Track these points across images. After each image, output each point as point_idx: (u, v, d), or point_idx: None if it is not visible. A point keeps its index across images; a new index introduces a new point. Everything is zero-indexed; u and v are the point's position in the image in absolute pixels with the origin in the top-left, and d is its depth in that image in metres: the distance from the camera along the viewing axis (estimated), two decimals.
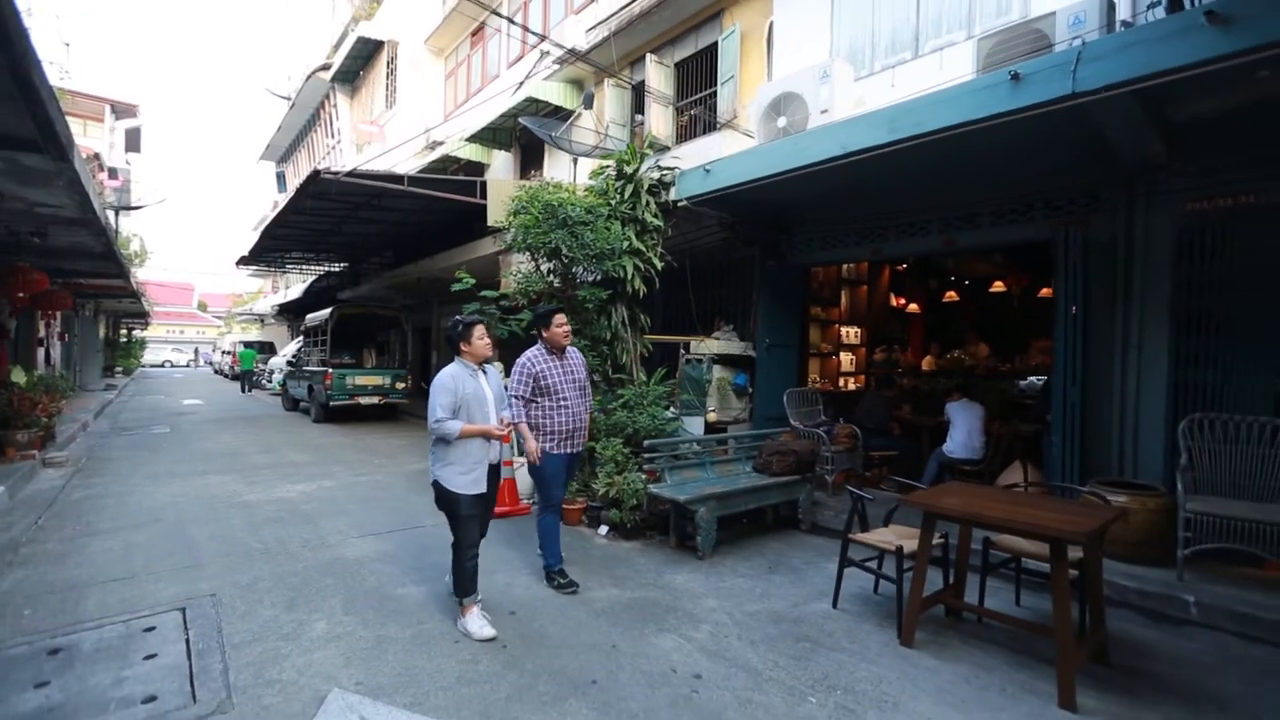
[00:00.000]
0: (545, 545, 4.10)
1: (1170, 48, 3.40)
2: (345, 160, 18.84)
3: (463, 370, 3.48)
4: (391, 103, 17.09)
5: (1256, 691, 2.95)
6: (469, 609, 3.39)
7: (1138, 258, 4.83)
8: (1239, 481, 4.20)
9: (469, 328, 3.52)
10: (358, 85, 19.56)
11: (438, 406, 3.35)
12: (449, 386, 3.38)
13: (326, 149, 21.05)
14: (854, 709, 2.70)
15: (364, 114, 18.80)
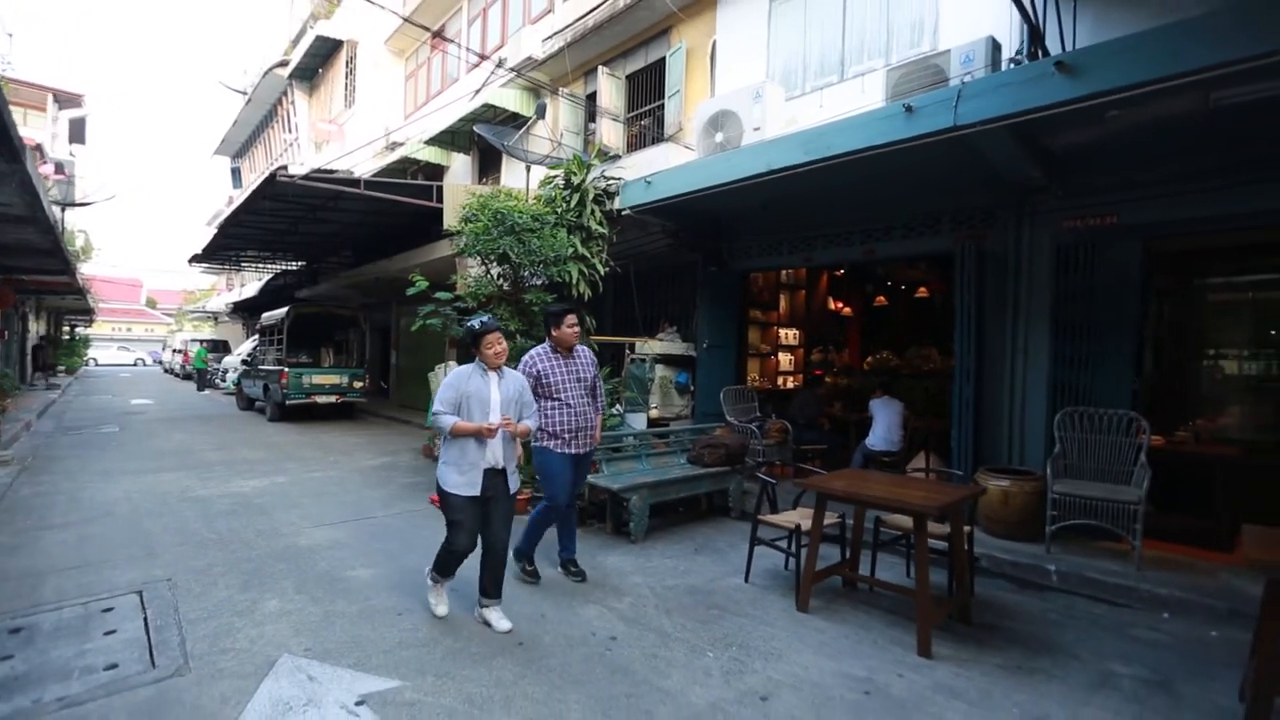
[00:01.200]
0: (528, 530, 4.16)
1: (1030, 91, 3.95)
2: (303, 158, 18.72)
3: (474, 370, 3.44)
4: (351, 102, 17.08)
5: (1085, 640, 3.50)
6: (439, 588, 3.56)
7: (1024, 270, 5.42)
8: (1101, 466, 4.81)
9: (478, 337, 3.45)
10: (317, 83, 19.43)
11: (439, 400, 3.37)
12: (453, 382, 3.39)
13: (284, 145, 20.82)
14: (744, 660, 3.14)
15: (323, 112, 18.70)
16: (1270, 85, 3.74)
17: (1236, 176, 4.47)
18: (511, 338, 6.28)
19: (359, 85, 16.70)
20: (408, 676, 2.92)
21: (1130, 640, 3.53)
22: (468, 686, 2.85)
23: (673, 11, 8.29)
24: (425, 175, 14.12)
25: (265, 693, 2.76)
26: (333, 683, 2.86)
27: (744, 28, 7.67)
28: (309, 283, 17.26)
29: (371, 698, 2.74)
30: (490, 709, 2.68)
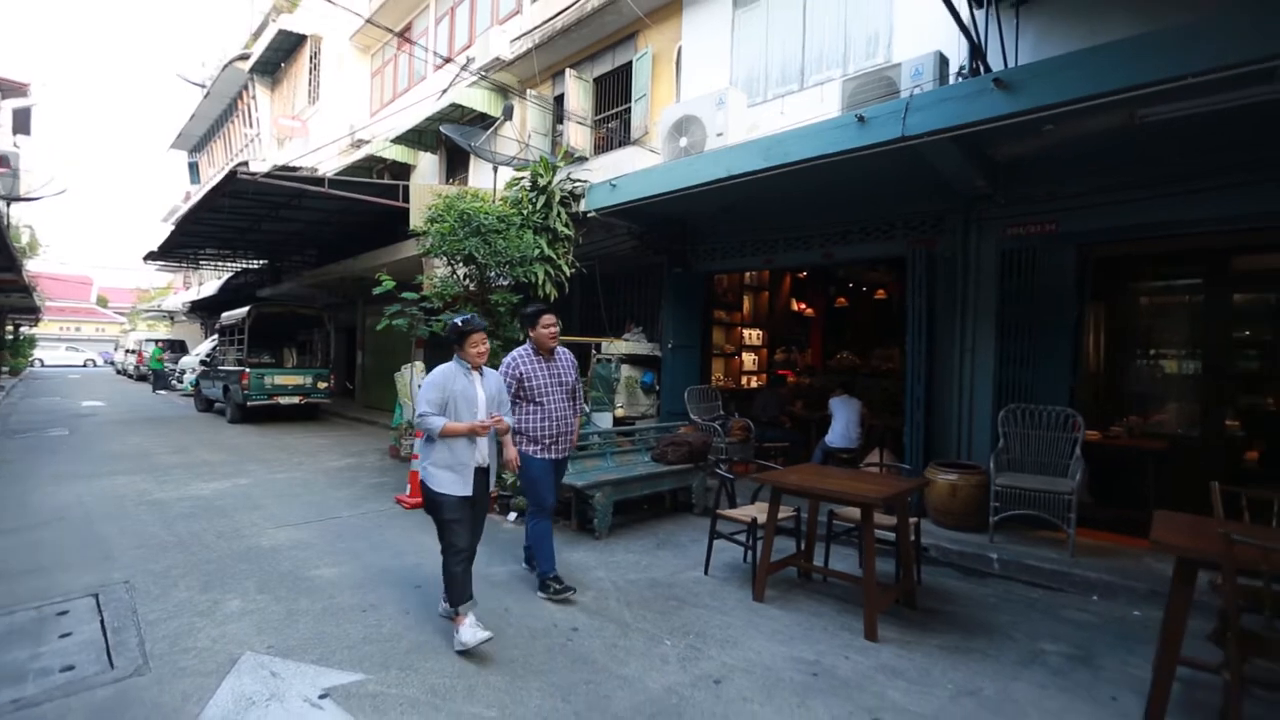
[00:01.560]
0: (537, 552, 3.97)
1: (971, 105, 4.17)
2: (265, 154, 18.32)
3: (457, 369, 3.37)
4: (315, 98, 16.80)
5: (1019, 621, 3.73)
6: (462, 620, 3.17)
7: (972, 274, 5.68)
8: (1041, 460, 5.09)
9: (464, 335, 3.38)
10: (279, 78, 19.04)
11: (423, 401, 3.26)
12: (438, 382, 3.29)
13: (245, 141, 20.34)
14: (700, 647, 3.27)
15: (285, 108, 18.34)
16: (1190, 104, 4.02)
17: (1163, 188, 4.78)
18: None
19: (323, 81, 16.44)
20: (371, 670, 2.98)
21: (1061, 621, 3.77)
22: (431, 678, 2.92)
23: (639, 17, 8.42)
24: (392, 174, 14.00)
25: (228, 689, 2.79)
26: (296, 678, 2.90)
27: (708, 35, 7.84)
28: (271, 281, 16.92)
29: (335, 691, 2.79)
30: (452, 698, 2.76)
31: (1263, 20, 3.24)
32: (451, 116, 10.94)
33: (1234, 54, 3.28)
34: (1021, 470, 5.08)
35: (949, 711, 2.74)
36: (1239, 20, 3.33)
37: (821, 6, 6.79)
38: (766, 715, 2.68)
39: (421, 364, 8.94)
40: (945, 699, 2.84)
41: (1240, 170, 4.45)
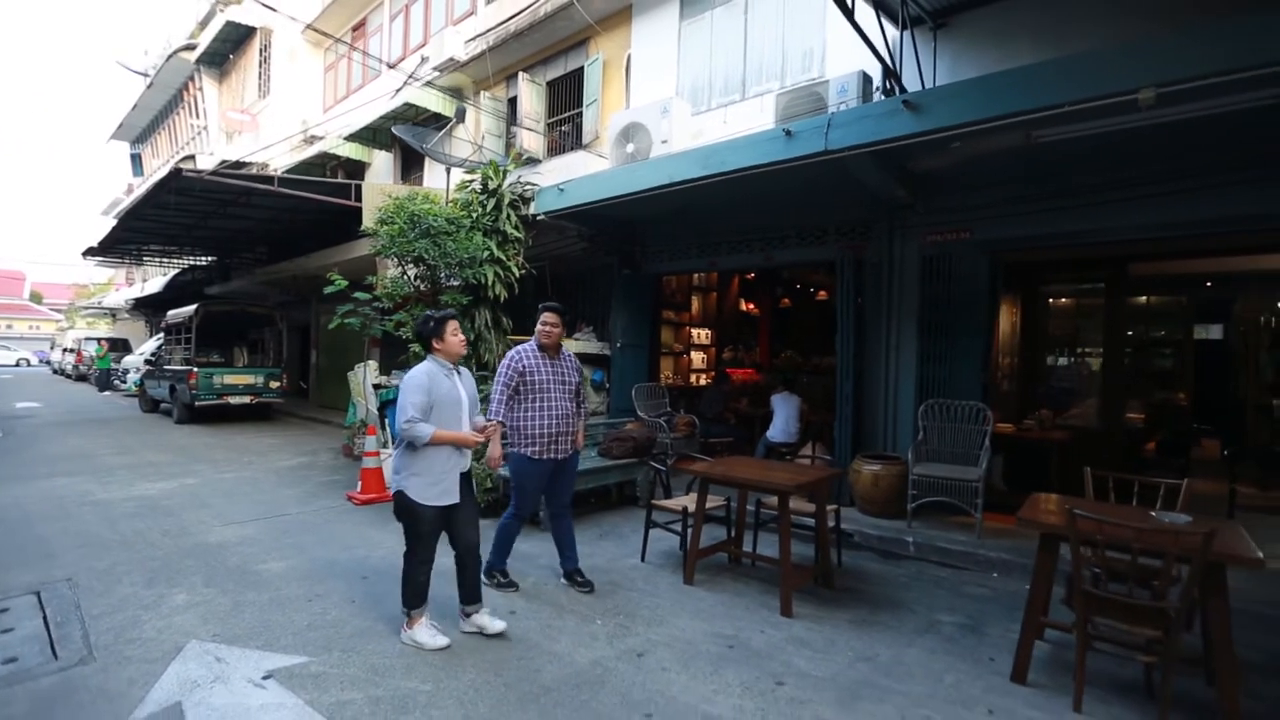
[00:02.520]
0: (496, 544, 3.96)
1: (884, 123, 4.53)
2: (213, 148, 17.87)
3: (437, 369, 3.20)
4: (265, 92, 16.48)
5: (923, 597, 4.10)
6: (416, 621, 3.22)
7: (896, 278, 6.08)
8: (956, 450, 5.51)
9: (441, 323, 3.23)
10: (227, 70, 18.58)
11: (409, 406, 3.04)
12: (422, 385, 3.09)
13: (192, 133, 19.76)
14: (628, 626, 3.54)
15: (234, 101, 17.91)
16: (1076, 128, 4.45)
17: (1065, 201, 5.22)
18: None
19: (274, 75, 16.15)
20: (315, 653, 3.14)
21: (960, 596, 4.16)
22: (372, 659, 3.11)
23: (590, 24, 8.62)
24: (346, 171, 13.89)
25: (173, 674, 2.92)
26: (241, 662, 3.05)
27: (657, 44, 8.11)
28: (220, 279, 16.54)
29: (278, 672, 2.95)
30: (391, 675, 2.95)
31: (1124, 57, 3.65)
32: (406, 116, 10.96)
33: (1101, 86, 3.68)
34: (939, 461, 5.50)
35: (845, 674, 3.06)
36: (1106, 56, 3.75)
37: (762, 22, 7.12)
38: (681, 682, 2.95)
39: (375, 363, 8.98)
40: (844, 664, 3.17)
41: (1134, 185, 4.89)
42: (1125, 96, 3.64)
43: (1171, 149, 4.62)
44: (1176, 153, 4.63)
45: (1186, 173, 4.65)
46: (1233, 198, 4.52)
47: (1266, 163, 4.37)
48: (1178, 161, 4.66)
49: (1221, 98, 3.70)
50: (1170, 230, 4.98)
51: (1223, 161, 4.51)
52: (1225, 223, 4.70)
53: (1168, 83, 3.49)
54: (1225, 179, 4.53)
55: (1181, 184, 4.69)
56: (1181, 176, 4.68)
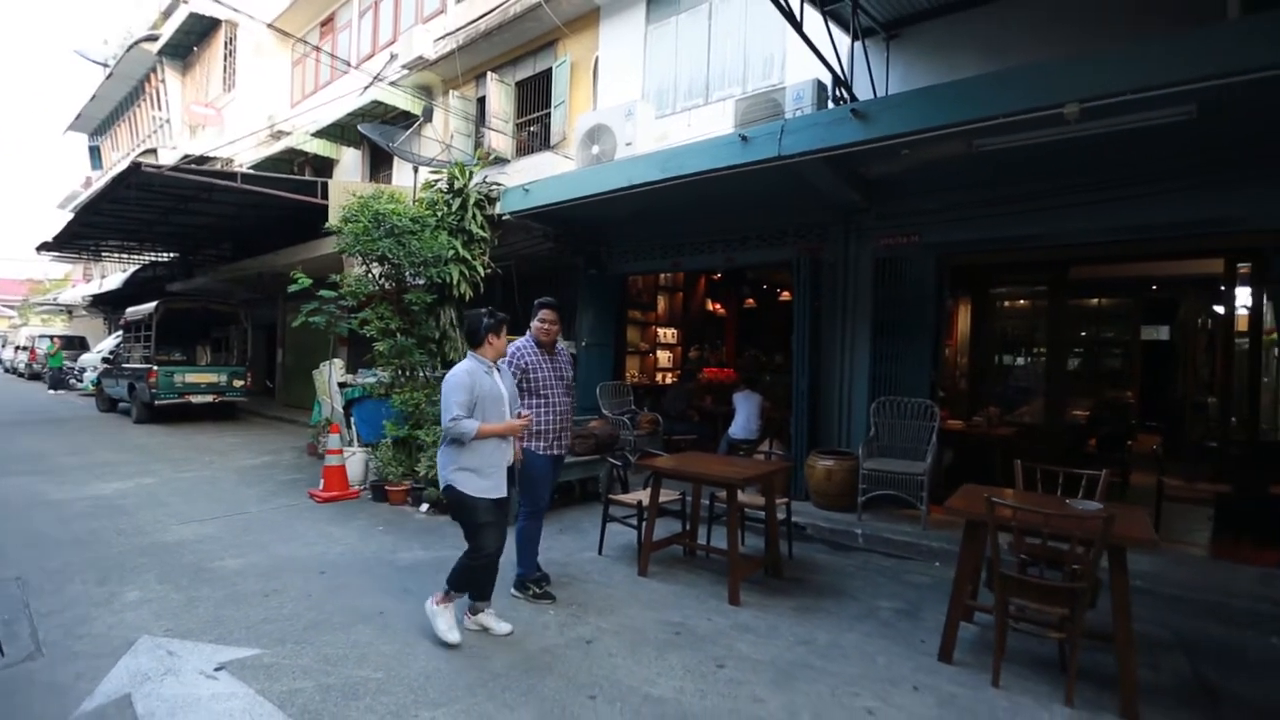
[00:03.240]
0: (521, 554, 3.89)
1: (834, 130, 4.71)
2: (176, 142, 17.50)
3: (478, 366, 3.25)
4: (230, 85, 16.20)
5: (866, 586, 4.29)
6: (448, 603, 3.24)
7: (851, 279, 6.29)
8: (905, 446, 5.73)
9: (500, 324, 3.31)
10: (191, 62, 18.20)
11: (453, 404, 3.10)
12: (465, 383, 3.14)
13: (154, 125, 19.30)
14: (580, 615, 3.65)
15: (199, 94, 17.57)
16: (1015, 138, 4.67)
17: (1008, 207, 5.45)
18: (392, 335, 6.50)
19: (240, 68, 15.88)
20: (268, 645, 3.19)
21: (902, 584, 4.36)
22: (325, 649, 3.17)
23: (559, 25, 8.71)
24: (314, 168, 13.74)
25: (123, 668, 2.95)
26: (192, 655, 3.08)
27: (624, 47, 8.23)
28: (183, 275, 16.21)
29: (230, 664, 3.00)
30: (344, 664, 3.02)
31: (1051, 73, 3.87)
32: (374, 113, 10.92)
33: (1031, 99, 3.90)
34: (889, 456, 5.71)
35: (784, 657, 3.22)
36: (1036, 71, 3.97)
37: (725, 28, 7.29)
38: (627, 666, 3.07)
39: (341, 361, 8.95)
40: (783, 648, 3.32)
41: (1071, 193, 5.12)
42: (1053, 110, 3.87)
43: (1104, 159, 4.88)
44: (1109, 163, 4.89)
45: (1117, 182, 4.92)
46: (1158, 206, 4.79)
47: (1186, 174, 4.65)
48: (1110, 171, 4.92)
49: (1139, 113, 3.95)
50: (1104, 235, 5.25)
51: (1149, 172, 4.78)
52: (1151, 229, 4.98)
53: (1089, 98, 3.71)
54: (1151, 188, 4.80)
55: (1113, 192, 4.95)
56: (1113, 185, 4.94)
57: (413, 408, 6.30)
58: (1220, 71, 3.42)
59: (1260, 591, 4.05)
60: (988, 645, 3.34)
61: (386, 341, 6.45)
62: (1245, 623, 3.78)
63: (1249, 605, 3.88)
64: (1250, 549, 4.82)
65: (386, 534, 5.16)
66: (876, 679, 3.03)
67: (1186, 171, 4.66)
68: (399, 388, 6.57)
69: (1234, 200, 4.54)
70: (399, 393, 6.43)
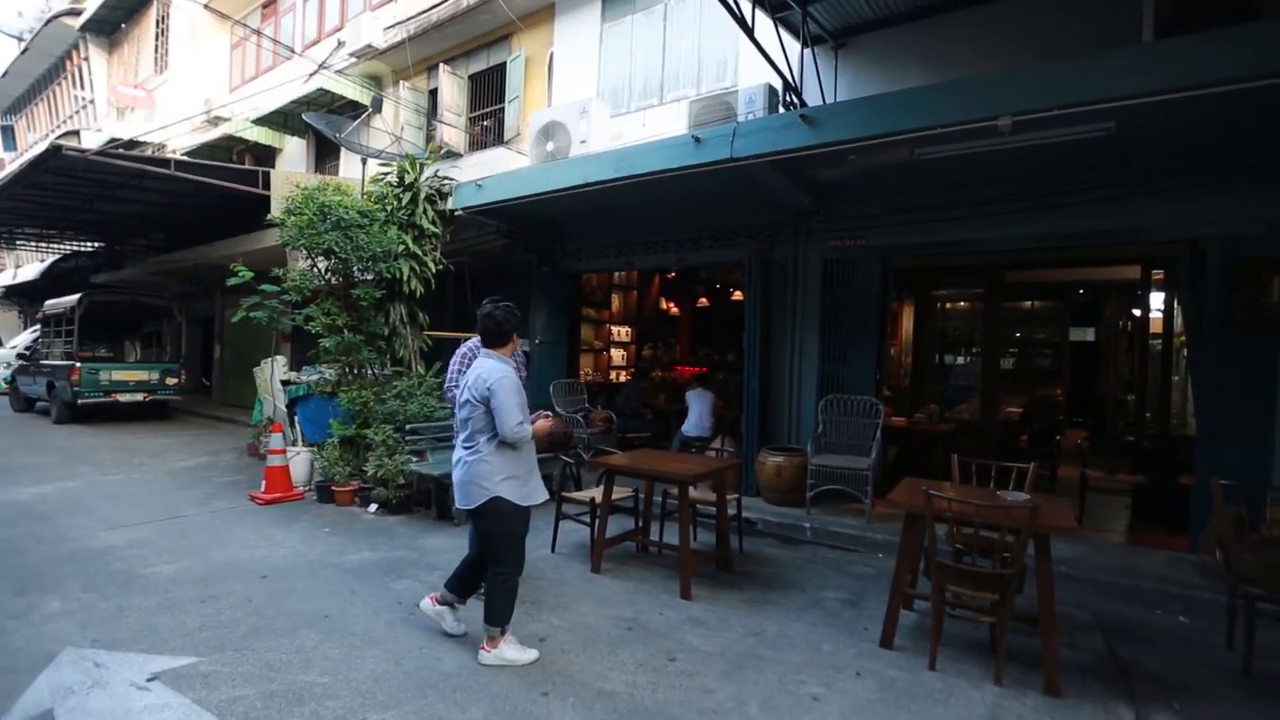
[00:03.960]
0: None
1: (784, 135, 4.83)
2: (102, 124, 16.47)
3: (509, 367, 3.10)
4: (163, 67, 15.35)
5: (813, 577, 4.43)
6: (503, 638, 3.03)
7: (800, 280, 6.45)
8: (852, 442, 5.92)
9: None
10: (118, 40, 17.16)
11: (516, 408, 2.91)
12: (517, 385, 2.99)
13: (76, 105, 18.12)
14: (533, 613, 3.64)
15: (127, 74, 16.59)
16: (954, 147, 4.88)
17: (943, 213, 5.68)
18: (339, 332, 6.32)
19: (173, 49, 15.05)
20: (205, 653, 3.07)
21: (847, 575, 4.52)
22: (268, 655, 3.07)
23: (513, 19, 8.61)
24: (255, 156, 13.15)
25: (43, 682, 2.79)
26: (122, 666, 2.94)
27: (579, 44, 8.20)
28: (110, 266, 15.29)
29: (165, 674, 2.87)
30: (287, 670, 2.94)
31: (985, 88, 4.08)
32: (320, 101, 10.56)
33: (968, 111, 4.09)
34: (836, 452, 5.89)
35: (734, 648, 3.30)
36: (972, 84, 4.18)
37: (680, 30, 7.36)
38: (580, 663, 3.09)
39: (284, 358, 8.63)
40: (734, 639, 3.40)
41: (1006, 201, 5.38)
42: (988, 122, 4.07)
43: (1035, 171, 5.15)
44: (1039, 174, 5.16)
45: (1047, 191, 5.20)
46: (1081, 215, 5.10)
47: (1105, 186, 4.96)
48: (1040, 181, 5.19)
49: (1065, 128, 4.19)
50: (1035, 241, 5.57)
51: (1075, 183, 5.08)
52: (1075, 236, 5.31)
53: (1019, 112, 3.93)
54: (1075, 199, 5.09)
55: (1043, 200, 5.23)
56: (1043, 194, 5.22)
57: (360, 406, 6.14)
58: (1132, 92, 3.68)
59: (1169, 574, 4.38)
60: (926, 631, 3.50)
61: (333, 338, 6.26)
62: (1155, 603, 4.09)
63: (1158, 587, 4.20)
64: (1161, 535, 5.20)
65: (333, 536, 5.02)
66: (822, 666, 3.14)
67: (1106, 184, 4.97)
68: (346, 386, 6.39)
69: (1143, 212, 4.87)
70: (346, 391, 6.26)
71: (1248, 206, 4.52)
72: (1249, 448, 4.49)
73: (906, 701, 2.83)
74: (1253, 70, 3.46)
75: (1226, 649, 3.46)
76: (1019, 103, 3.92)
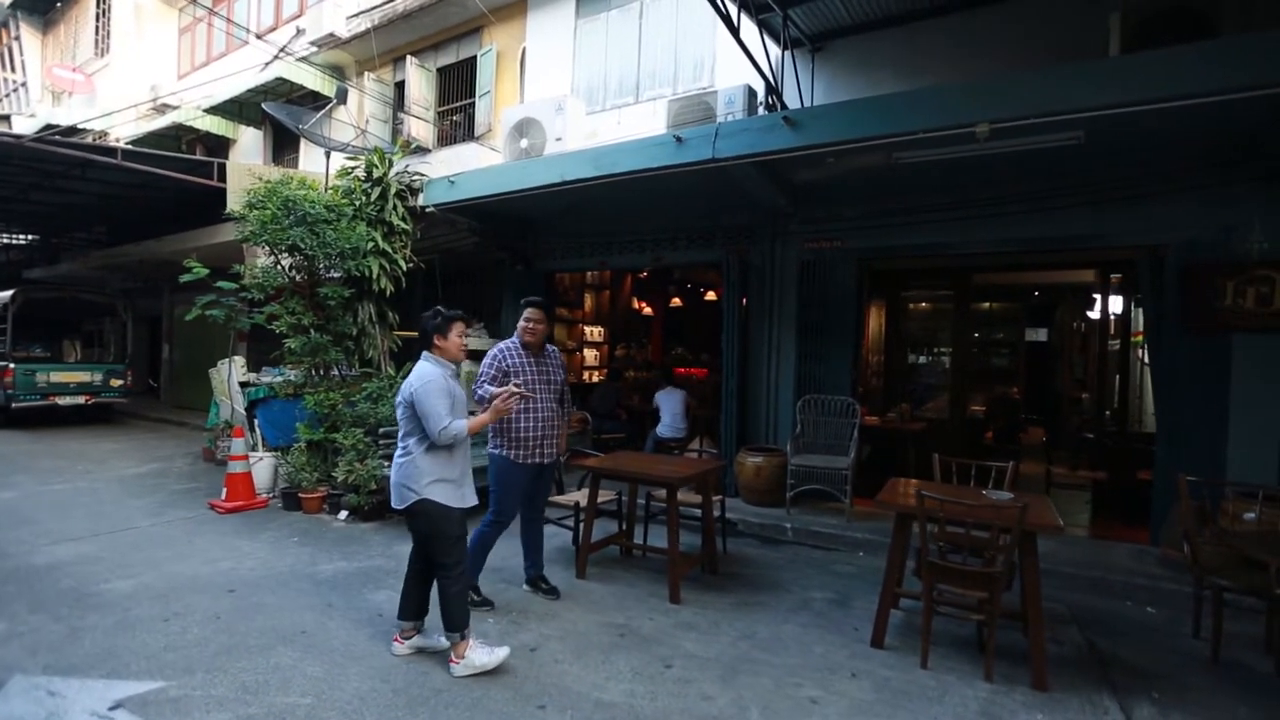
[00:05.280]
0: (472, 556, 3.54)
1: (766, 136, 4.83)
2: (35, 109, 15.49)
3: (442, 370, 3.07)
4: (104, 50, 14.54)
5: (799, 578, 4.45)
6: (467, 644, 2.97)
7: (777, 280, 6.49)
8: (829, 442, 5.98)
9: (450, 321, 3.10)
10: (53, 19, 16.19)
11: (440, 411, 2.90)
12: (443, 389, 2.97)
13: (6, 89, 17.01)
14: (521, 622, 3.55)
15: (63, 57, 15.66)
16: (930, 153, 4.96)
17: (916, 217, 5.79)
18: (305, 331, 6.07)
19: (116, 32, 14.26)
20: (174, 676, 2.88)
21: (831, 574, 4.55)
22: (242, 676, 2.90)
23: (484, 12, 8.42)
24: (206, 147, 12.57)
25: None
26: (81, 694, 2.74)
27: (552, 40, 8.07)
28: (47, 261, 14.39)
29: (129, 701, 2.68)
30: (265, 692, 2.78)
31: (966, 95, 4.16)
32: (278, 91, 10.15)
33: (946, 118, 4.16)
34: (814, 452, 5.94)
35: (728, 653, 3.27)
36: (950, 92, 4.25)
37: (656, 29, 7.31)
38: (574, 673, 3.02)
39: (242, 358, 8.25)
40: (727, 644, 3.38)
41: (976, 206, 5.51)
42: (968, 128, 4.15)
43: (1008, 176, 5.28)
44: (1013, 180, 5.29)
45: (1016, 198, 5.34)
46: (1049, 221, 5.26)
47: (1072, 194, 5.13)
48: (1014, 187, 5.33)
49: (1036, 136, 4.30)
50: (1004, 245, 5.72)
51: (1044, 190, 5.23)
52: (1044, 241, 5.48)
53: (995, 120, 4.01)
54: (1043, 205, 5.25)
55: (1016, 207, 5.37)
56: (1013, 201, 5.37)
57: (328, 409, 5.90)
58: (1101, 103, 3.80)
59: (1134, 566, 4.55)
60: (912, 629, 3.56)
61: (299, 338, 6.00)
62: (1123, 594, 4.24)
63: (1126, 579, 4.36)
64: (1122, 529, 5.41)
65: (303, 545, 4.81)
66: (816, 668, 3.14)
67: (1074, 191, 5.13)
68: (312, 387, 6.14)
69: (1108, 218, 5.06)
70: (312, 393, 6.01)
71: (1204, 213, 4.73)
72: (1205, 444, 4.70)
73: (903, 701, 2.86)
74: (1210, 85, 3.61)
75: (1193, 638, 3.61)
76: (997, 110, 4.00)
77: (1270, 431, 4.59)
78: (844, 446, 5.87)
